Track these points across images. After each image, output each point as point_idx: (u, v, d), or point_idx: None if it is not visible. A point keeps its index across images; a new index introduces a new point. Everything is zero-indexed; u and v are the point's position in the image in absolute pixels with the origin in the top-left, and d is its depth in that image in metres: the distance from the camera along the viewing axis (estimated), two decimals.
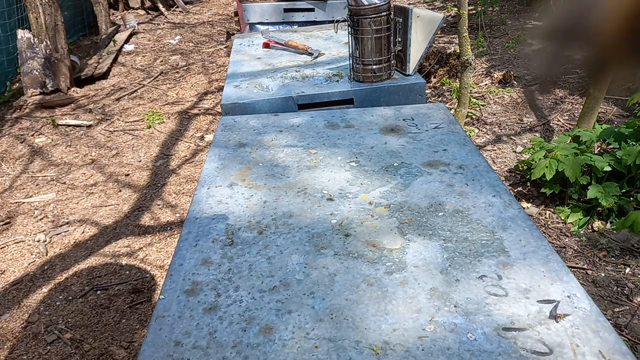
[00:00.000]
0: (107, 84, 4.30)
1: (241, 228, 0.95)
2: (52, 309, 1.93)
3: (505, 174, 2.53)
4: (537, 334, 0.68)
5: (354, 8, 1.48)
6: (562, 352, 0.65)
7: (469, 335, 0.69)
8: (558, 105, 3.08)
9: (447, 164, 1.12)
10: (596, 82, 2.42)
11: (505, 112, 3.11)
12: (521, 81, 3.43)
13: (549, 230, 2.11)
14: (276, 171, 1.14)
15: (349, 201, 1.01)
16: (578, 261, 1.92)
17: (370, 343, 0.69)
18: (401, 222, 0.94)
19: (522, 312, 0.72)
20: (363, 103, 1.59)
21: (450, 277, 0.79)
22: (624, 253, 1.93)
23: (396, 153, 1.19)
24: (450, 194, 1.01)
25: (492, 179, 1.05)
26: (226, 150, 1.26)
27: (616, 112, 2.89)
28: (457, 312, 0.73)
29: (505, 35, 4.33)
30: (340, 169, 1.14)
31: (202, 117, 3.59)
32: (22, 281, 2.08)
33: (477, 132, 2.95)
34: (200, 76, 4.38)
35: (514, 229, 0.89)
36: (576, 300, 0.73)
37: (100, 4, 5.33)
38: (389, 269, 0.82)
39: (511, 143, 2.80)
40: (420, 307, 0.74)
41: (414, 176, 1.09)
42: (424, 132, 1.28)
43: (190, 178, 2.82)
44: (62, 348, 1.76)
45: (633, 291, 1.75)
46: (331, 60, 1.88)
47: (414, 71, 1.63)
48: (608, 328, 0.68)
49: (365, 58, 1.55)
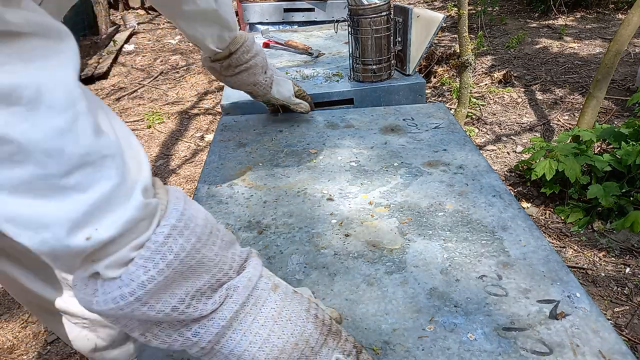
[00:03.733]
0: (107, 84, 4.31)
1: (241, 228, 0.95)
2: None
3: (505, 174, 2.53)
4: (537, 333, 0.68)
5: (354, 8, 1.48)
6: (562, 352, 0.65)
7: (469, 335, 0.69)
8: (558, 105, 3.09)
9: (447, 164, 1.12)
10: (596, 81, 2.42)
11: (505, 112, 3.11)
12: (521, 81, 3.43)
13: (549, 230, 2.11)
14: (276, 171, 1.14)
15: (349, 201, 1.02)
16: (578, 261, 1.92)
17: (370, 343, 0.69)
18: (401, 222, 0.94)
19: (522, 312, 0.72)
20: (363, 103, 1.59)
21: (450, 277, 0.80)
22: (624, 253, 1.93)
23: (396, 153, 1.19)
24: (450, 194, 1.01)
25: (492, 179, 1.05)
26: (226, 150, 1.26)
27: (616, 112, 2.89)
28: (457, 312, 0.73)
29: (505, 35, 4.33)
30: (340, 169, 1.14)
31: (202, 117, 3.59)
32: None
33: (477, 132, 2.95)
34: (200, 76, 4.39)
35: (514, 229, 0.89)
36: (576, 300, 0.73)
37: (100, 4, 5.33)
38: (389, 269, 0.82)
39: (511, 143, 2.80)
40: (420, 307, 0.74)
41: (414, 176, 1.09)
42: (424, 132, 1.28)
43: (191, 178, 2.82)
44: (62, 348, 1.76)
45: (633, 291, 1.75)
46: (331, 60, 1.88)
47: (414, 71, 1.63)
48: (608, 328, 0.68)
49: (365, 58, 1.55)
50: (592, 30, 4.17)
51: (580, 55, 3.67)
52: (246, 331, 0.49)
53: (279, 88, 1.25)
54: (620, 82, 3.17)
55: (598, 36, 4.02)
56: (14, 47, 0.34)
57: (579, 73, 3.40)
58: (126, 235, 0.42)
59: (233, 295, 0.50)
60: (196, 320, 0.49)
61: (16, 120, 0.35)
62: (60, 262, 0.42)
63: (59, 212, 0.38)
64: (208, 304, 0.48)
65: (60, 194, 0.38)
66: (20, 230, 0.37)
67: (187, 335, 0.48)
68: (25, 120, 0.35)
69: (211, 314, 0.49)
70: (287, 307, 0.53)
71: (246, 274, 0.52)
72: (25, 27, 0.35)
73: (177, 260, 0.44)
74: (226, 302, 0.49)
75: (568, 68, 3.50)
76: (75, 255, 0.40)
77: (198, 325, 0.48)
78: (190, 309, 0.47)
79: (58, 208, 0.38)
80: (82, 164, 0.38)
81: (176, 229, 0.45)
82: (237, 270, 0.52)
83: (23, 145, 0.35)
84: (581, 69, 3.45)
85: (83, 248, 0.40)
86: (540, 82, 3.33)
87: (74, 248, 0.39)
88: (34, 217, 0.37)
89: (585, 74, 3.37)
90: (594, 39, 3.97)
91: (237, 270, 0.52)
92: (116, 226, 0.41)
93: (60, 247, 0.39)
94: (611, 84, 2.93)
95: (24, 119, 0.35)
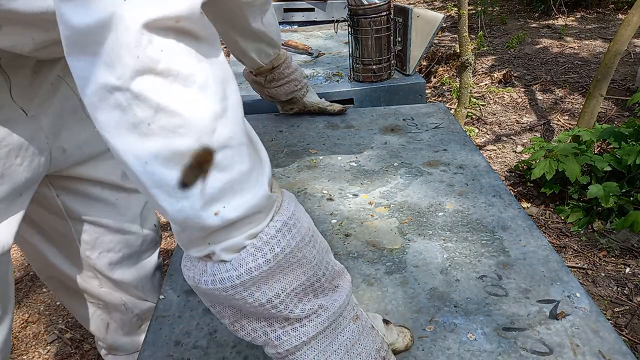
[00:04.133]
0: None
1: None
2: (52, 309, 1.93)
3: (505, 173, 2.53)
4: (537, 333, 0.68)
5: (354, 8, 1.48)
6: (562, 352, 0.65)
7: (469, 335, 0.69)
8: (558, 105, 3.09)
9: (447, 164, 1.12)
10: (596, 81, 2.42)
11: (505, 112, 3.11)
12: (521, 81, 3.43)
13: (549, 230, 2.11)
14: (276, 171, 1.14)
15: (349, 201, 1.02)
16: (578, 261, 1.92)
17: None
18: (401, 222, 0.94)
19: (522, 312, 0.72)
20: (363, 103, 1.59)
21: (450, 277, 0.80)
22: (624, 253, 1.93)
23: (396, 153, 1.19)
24: (450, 194, 1.01)
25: (492, 178, 1.05)
26: None
27: (616, 112, 2.89)
28: (457, 312, 0.73)
29: (505, 35, 4.33)
30: (340, 169, 1.14)
31: None
32: (22, 281, 2.08)
33: (477, 132, 2.95)
34: None
35: (514, 229, 0.89)
36: (576, 300, 0.73)
37: None
38: (389, 269, 0.82)
39: (511, 143, 2.80)
40: (420, 307, 0.74)
41: (414, 176, 1.09)
42: (424, 132, 1.28)
43: None
44: (62, 348, 1.76)
45: (633, 291, 1.75)
46: (331, 60, 1.88)
47: (414, 71, 1.63)
48: (608, 328, 0.68)
49: (365, 58, 1.55)
50: (592, 30, 4.17)
51: (580, 55, 3.67)
52: (320, 352, 0.53)
53: (312, 94, 1.42)
54: (620, 82, 3.17)
55: (598, 36, 4.02)
56: (195, 45, 0.43)
57: (579, 73, 3.40)
58: (246, 222, 0.47)
59: (322, 315, 0.53)
60: (282, 322, 0.52)
61: (187, 99, 0.42)
62: (186, 233, 0.46)
63: (199, 185, 0.43)
64: (298, 307, 0.52)
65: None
66: (165, 195, 0.43)
67: (271, 337, 0.53)
68: (195, 101, 0.42)
69: (297, 322, 0.52)
70: (361, 342, 0.56)
71: (339, 297, 0.55)
72: (204, 33, 0.44)
73: (282, 254, 0.49)
74: (313, 319, 0.53)
75: (568, 68, 3.50)
76: (201, 228, 0.45)
77: (282, 332, 0.52)
78: (282, 306, 0.50)
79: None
80: (225, 146, 0.44)
81: (286, 226, 0.49)
82: (330, 281, 0.55)
83: (187, 121, 0.41)
84: (581, 69, 3.45)
85: (210, 223, 0.45)
86: (541, 82, 3.33)
87: (203, 221, 0.44)
88: (179, 187, 0.43)
89: (585, 74, 3.37)
90: (594, 39, 3.97)
91: (330, 281, 0.55)
92: (242, 209, 0.46)
93: (193, 218, 0.44)
94: (611, 84, 2.93)
95: (194, 100, 0.42)
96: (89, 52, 0.40)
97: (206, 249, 0.48)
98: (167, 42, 0.41)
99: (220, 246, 0.47)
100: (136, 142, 0.41)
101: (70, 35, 0.40)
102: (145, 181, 0.43)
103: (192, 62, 0.42)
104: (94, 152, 0.95)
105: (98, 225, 1.02)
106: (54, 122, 0.86)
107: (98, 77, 0.40)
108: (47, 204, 0.96)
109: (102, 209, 1.01)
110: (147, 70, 0.40)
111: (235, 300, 0.49)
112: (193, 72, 0.42)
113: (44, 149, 0.84)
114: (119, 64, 0.39)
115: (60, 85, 0.87)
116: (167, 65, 0.41)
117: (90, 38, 0.39)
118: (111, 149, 0.43)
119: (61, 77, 0.87)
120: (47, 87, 0.84)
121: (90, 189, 0.98)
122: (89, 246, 1.03)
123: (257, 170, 0.48)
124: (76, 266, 1.06)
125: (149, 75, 0.40)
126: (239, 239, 0.47)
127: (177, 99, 0.41)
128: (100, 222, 1.02)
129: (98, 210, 1.01)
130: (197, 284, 0.50)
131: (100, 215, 1.01)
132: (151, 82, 0.40)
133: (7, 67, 0.75)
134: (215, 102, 0.44)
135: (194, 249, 0.49)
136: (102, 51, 0.39)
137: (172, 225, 0.47)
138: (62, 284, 1.12)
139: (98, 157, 0.97)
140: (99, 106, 0.41)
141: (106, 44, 0.39)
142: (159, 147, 0.41)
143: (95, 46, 0.40)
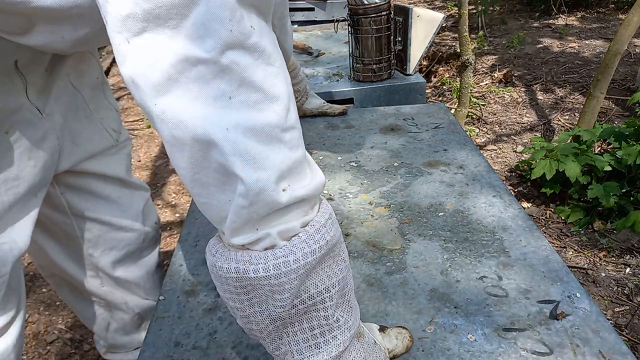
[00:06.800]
0: None
1: None
2: (52, 309, 1.93)
3: (506, 173, 2.53)
4: (537, 334, 0.68)
5: (354, 7, 1.47)
6: (562, 352, 0.65)
7: (469, 336, 0.69)
8: (558, 104, 3.08)
9: (448, 164, 1.12)
10: (596, 81, 2.42)
11: (506, 112, 3.11)
12: (522, 81, 3.43)
13: (549, 230, 2.11)
14: None
15: (349, 201, 1.01)
16: (578, 261, 1.92)
17: None
18: (401, 222, 0.94)
19: (523, 313, 0.71)
20: (363, 103, 1.59)
21: (450, 277, 0.79)
22: (624, 253, 1.93)
23: (396, 153, 1.19)
24: (450, 194, 1.01)
25: (493, 179, 1.05)
26: None
27: (616, 112, 2.89)
28: (457, 312, 0.73)
29: (505, 34, 4.33)
30: (340, 169, 1.13)
31: None
32: None
33: (477, 132, 2.95)
34: None
35: (514, 229, 0.89)
36: (576, 300, 0.73)
37: None
38: (389, 269, 0.82)
39: (511, 143, 2.80)
40: (421, 307, 0.74)
41: (414, 176, 1.08)
42: (424, 132, 1.28)
43: None
44: (62, 348, 1.76)
45: (633, 291, 1.75)
46: (331, 59, 1.88)
47: (414, 71, 1.62)
48: (608, 328, 0.68)
49: (366, 57, 1.55)
50: (592, 30, 4.16)
51: (580, 55, 3.67)
52: None
53: (312, 99, 1.42)
54: (620, 82, 3.17)
55: (599, 36, 4.01)
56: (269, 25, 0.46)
57: (580, 73, 3.40)
58: (302, 206, 0.49)
59: (338, 337, 0.54)
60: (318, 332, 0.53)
61: (270, 76, 0.44)
62: (255, 207, 0.46)
63: (275, 159, 0.45)
64: (329, 310, 0.53)
65: (278, 145, 0.45)
66: (244, 165, 0.43)
67: (296, 357, 0.54)
68: (276, 78, 0.45)
69: (337, 330, 0.54)
70: (368, 359, 0.58)
71: (354, 322, 0.56)
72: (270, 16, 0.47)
73: (332, 242, 0.51)
74: (333, 340, 0.54)
75: (568, 68, 3.49)
76: (271, 202, 0.46)
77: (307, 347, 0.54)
78: (328, 302, 0.52)
79: (275, 155, 0.45)
80: (294, 127, 0.47)
81: (331, 218, 0.52)
82: (350, 292, 0.57)
83: (269, 97, 0.44)
84: (582, 69, 3.44)
85: (280, 199, 0.46)
86: (541, 82, 3.33)
87: (276, 194, 0.45)
88: (258, 157, 0.44)
89: (585, 74, 3.37)
90: (595, 38, 3.97)
91: (349, 292, 0.57)
92: (307, 189, 0.48)
93: (268, 190, 0.45)
94: (611, 84, 2.93)
95: (275, 77, 0.45)
96: (170, 25, 0.40)
97: (254, 234, 0.47)
98: (255, 19, 0.43)
99: (277, 229, 0.48)
100: (217, 112, 0.42)
101: (151, 9, 0.39)
102: (225, 147, 0.43)
103: (273, 42, 0.45)
104: (97, 148, 0.96)
105: (101, 223, 1.02)
106: (64, 120, 0.87)
107: (179, 50, 0.40)
108: (51, 201, 0.96)
109: (105, 205, 1.02)
110: (237, 44, 0.41)
111: (282, 292, 0.48)
112: (273, 52, 0.45)
113: (55, 148, 0.84)
114: (209, 37, 0.40)
115: (67, 83, 0.88)
116: (256, 41, 0.43)
117: (175, 11, 0.39)
118: (178, 123, 0.42)
119: (68, 75, 0.88)
120: (58, 85, 0.85)
121: (93, 185, 0.99)
122: (91, 244, 1.03)
123: (308, 158, 0.50)
124: (78, 264, 1.06)
125: (239, 50, 0.42)
126: (293, 224, 0.48)
127: (261, 75, 0.43)
128: (103, 219, 1.02)
129: (101, 207, 1.01)
130: (244, 274, 0.48)
131: (103, 212, 1.02)
132: (240, 56, 0.42)
133: (23, 68, 0.75)
134: (288, 84, 0.47)
135: (242, 235, 0.48)
136: (187, 24, 0.40)
137: (239, 199, 0.45)
138: (64, 282, 1.12)
139: (103, 153, 0.97)
140: (178, 79, 0.41)
141: (193, 18, 0.40)
142: (242, 117, 0.43)
143: (179, 20, 0.40)
